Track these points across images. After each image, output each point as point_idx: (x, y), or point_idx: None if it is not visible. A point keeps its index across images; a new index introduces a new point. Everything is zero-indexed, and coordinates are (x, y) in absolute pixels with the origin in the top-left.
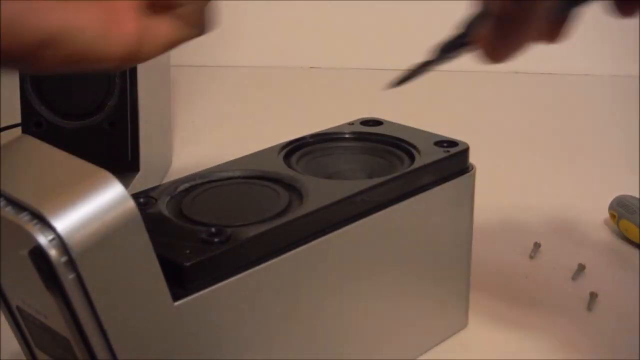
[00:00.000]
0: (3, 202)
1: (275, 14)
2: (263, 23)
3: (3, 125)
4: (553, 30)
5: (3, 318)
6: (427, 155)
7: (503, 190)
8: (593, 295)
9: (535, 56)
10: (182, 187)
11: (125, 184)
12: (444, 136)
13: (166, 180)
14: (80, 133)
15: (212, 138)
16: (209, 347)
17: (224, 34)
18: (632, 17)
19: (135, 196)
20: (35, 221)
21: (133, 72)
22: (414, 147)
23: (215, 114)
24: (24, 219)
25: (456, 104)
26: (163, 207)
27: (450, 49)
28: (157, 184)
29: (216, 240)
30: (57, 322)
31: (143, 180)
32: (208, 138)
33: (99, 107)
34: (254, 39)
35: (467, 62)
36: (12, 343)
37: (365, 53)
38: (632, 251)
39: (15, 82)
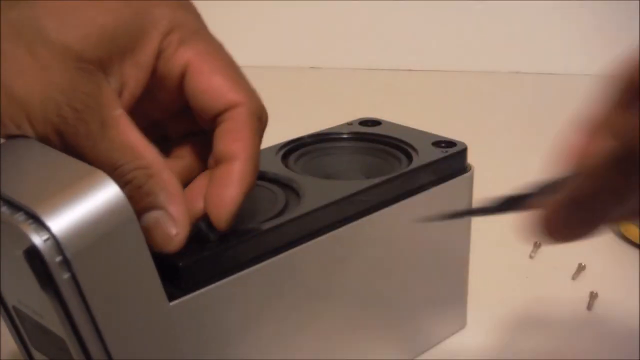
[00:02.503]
0: None
1: (275, 14)
2: (263, 23)
3: None
4: None
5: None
6: (425, 156)
7: (502, 190)
8: (593, 295)
9: (535, 56)
10: None
11: None
12: (442, 136)
13: None
14: None
15: None
16: (205, 347)
17: (224, 34)
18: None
19: None
20: (30, 221)
21: None
22: (412, 147)
23: None
24: (19, 218)
25: (456, 104)
26: None
27: (509, 205)
28: None
29: (212, 239)
30: (52, 322)
31: None
32: None
33: None
34: (253, 38)
35: (467, 62)
36: (11, 343)
37: (365, 53)
38: (632, 251)
39: None
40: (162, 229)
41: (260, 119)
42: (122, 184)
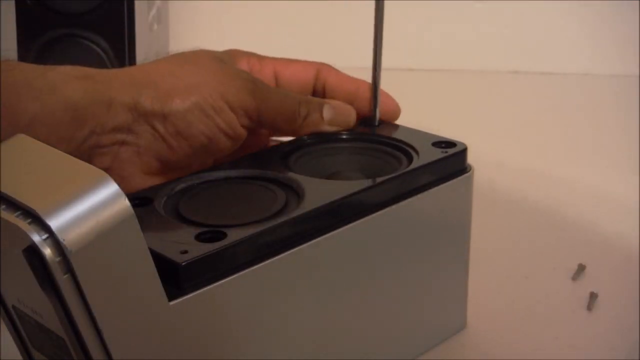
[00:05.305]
0: None
1: (275, 14)
2: (263, 23)
3: None
4: None
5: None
6: (425, 156)
7: (502, 190)
8: (593, 295)
9: (535, 56)
10: (179, 187)
11: None
12: (442, 137)
13: None
14: None
15: None
16: (205, 347)
17: (225, 35)
18: None
19: (132, 196)
20: (30, 220)
21: None
22: (412, 147)
23: None
24: (18, 217)
25: (456, 104)
26: (159, 206)
27: None
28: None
29: (212, 239)
30: (52, 321)
31: None
32: None
33: None
34: (254, 39)
35: (467, 61)
36: (11, 343)
37: (365, 52)
38: (632, 251)
39: None
40: (340, 110)
41: None
42: (303, 117)
